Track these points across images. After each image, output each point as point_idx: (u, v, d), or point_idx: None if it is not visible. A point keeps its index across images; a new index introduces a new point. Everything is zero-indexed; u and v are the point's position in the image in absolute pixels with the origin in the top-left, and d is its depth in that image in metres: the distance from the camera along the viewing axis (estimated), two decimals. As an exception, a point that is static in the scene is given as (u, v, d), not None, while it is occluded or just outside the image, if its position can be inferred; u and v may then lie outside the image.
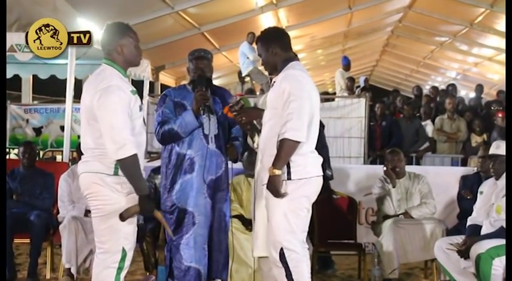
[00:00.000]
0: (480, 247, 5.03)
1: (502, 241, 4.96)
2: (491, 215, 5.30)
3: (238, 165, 5.92)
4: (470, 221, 5.52)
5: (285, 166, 4.13)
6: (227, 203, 5.11)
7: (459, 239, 5.40)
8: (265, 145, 4.29)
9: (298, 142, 4.08)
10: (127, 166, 3.95)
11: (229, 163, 5.15)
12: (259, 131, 4.71)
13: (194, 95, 4.87)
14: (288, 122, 4.06)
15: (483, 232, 5.27)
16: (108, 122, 3.92)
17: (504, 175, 5.32)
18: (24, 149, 6.69)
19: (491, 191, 5.43)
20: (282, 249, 4.14)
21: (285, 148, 4.07)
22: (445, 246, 5.45)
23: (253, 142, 4.85)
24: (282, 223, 4.14)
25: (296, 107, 4.08)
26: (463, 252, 5.23)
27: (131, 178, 3.97)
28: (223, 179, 5.04)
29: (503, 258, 4.90)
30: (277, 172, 4.07)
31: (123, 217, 4.00)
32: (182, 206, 4.90)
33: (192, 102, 4.91)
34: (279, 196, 4.10)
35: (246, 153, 6.02)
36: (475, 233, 5.31)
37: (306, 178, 4.19)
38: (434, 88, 13.24)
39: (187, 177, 4.92)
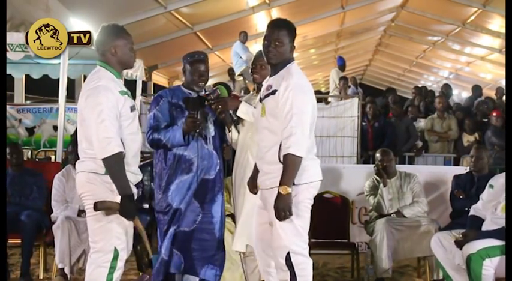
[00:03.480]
0: (471, 248, 5.00)
1: (494, 242, 4.95)
2: (495, 212, 5.24)
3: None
4: (473, 210, 5.45)
5: None
6: (216, 204, 5.02)
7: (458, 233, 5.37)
8: (263, 154, 4.23)
9: (301, 157, 4.03)
10: (110, 165, 4.00)
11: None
12: (234, 121, 4.69)
13: (185, 119, 4.80)
14: (291, 136, 3.99)
15: (485, 226, 5.23)
16: (93, 122, 4.00)
17: None
18: (10, 150, 6.67)
19: (502, 188, 5.30)
20: (288, 253, 4.10)
21: (291, 164, 4.01)
22: (442, 238, 5.43)
23: (229, 131, 4.82)
24: (289, 227, 4.10)
25: (299, 121, 4.01)
26: (462, 244, 5.14)
27: (114, 176, 4.02)
28: (217, 180, 5.02)
29: (494, 259, 4.90)
30: (289, 189, 4.00)
31: (96, 207, 4.05)
32: (177, 206, 4.87)
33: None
34: (289, 215, 4.02)
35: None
36: (476, 226, 5.27)
37: (310, 182, 4.17)
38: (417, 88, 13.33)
39: (185, 177, 4.87)
